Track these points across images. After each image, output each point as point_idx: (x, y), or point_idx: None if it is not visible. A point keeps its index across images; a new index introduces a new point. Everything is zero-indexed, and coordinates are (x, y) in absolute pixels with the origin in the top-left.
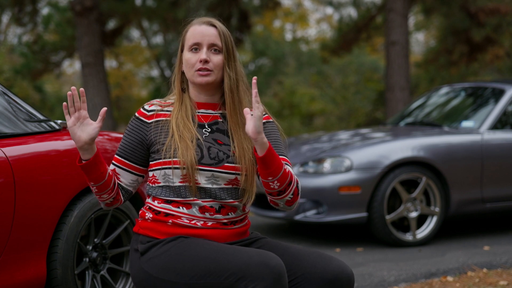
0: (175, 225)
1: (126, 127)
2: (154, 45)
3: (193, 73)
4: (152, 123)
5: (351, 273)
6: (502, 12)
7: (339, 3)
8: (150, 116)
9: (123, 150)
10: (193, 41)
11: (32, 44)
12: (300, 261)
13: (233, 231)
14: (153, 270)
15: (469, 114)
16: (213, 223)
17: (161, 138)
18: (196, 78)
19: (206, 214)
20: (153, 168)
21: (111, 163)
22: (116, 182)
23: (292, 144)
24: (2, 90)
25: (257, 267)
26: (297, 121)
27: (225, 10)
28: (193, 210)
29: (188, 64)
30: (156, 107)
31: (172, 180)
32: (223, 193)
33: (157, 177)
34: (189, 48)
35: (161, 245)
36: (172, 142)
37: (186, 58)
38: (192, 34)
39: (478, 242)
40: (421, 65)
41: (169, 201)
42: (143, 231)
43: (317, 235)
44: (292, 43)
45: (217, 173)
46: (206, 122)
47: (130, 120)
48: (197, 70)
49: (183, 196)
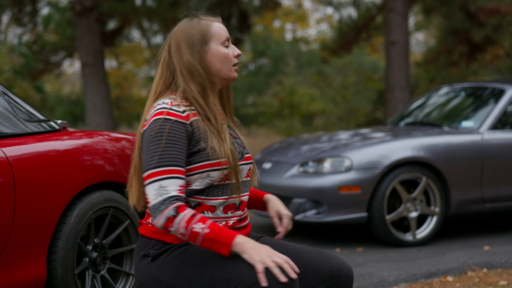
0: None
1: (165, 134)
2: (154, 45)
3: (230, 68)
4: (192, 123)
5: (350, 270)
6: (502, 12)
7: (339, 3)
8: (185, 116)
9: (179, 158)
10: (226, 36)
11: (32, 44)
12: (299, 258)
13: (244, 232)
14: (164, 276)
15: (469, 114)
16: (234, 221)
17: (202, 138)
18: (233, 73)
19: (229, 213)
20: (192, 173)
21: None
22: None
23: (292, 144)
24: (2, 90)
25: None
26: (297, 121)
27: (225, 10)
28: (218, 212)
29: (227, 59)
30: (184, 107)
31: (213, 180)
32: (247, 184)
33: (191, 182)
34: (222, 43)
35: (172, 250)
36: (215, 142)
37: (223, 52)
38: (221, 29)
39: (478, 242)
40: (421, 65)
41: (192, 205)
42: (156, 236)
43: (317, 235)
44: (292, 43)
45: (244, 166)
46: (219, 118)
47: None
48: (234, 64)
49: (214, 195)
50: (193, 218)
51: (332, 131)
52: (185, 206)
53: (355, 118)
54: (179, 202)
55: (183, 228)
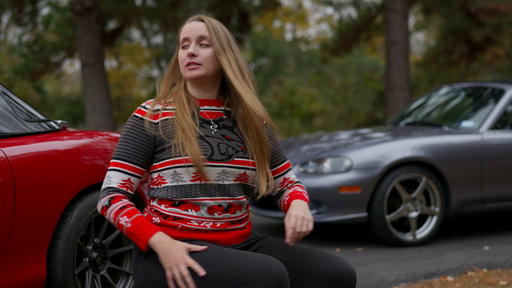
0: (185, 229)
1: (127, 130)
2: (154, 45)
3: (184, 69)
4: (159, 122)
5: (353, 271)
6: (502, 12)
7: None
8: (155, 115)
9: (132, 154)
10: (183, 37)
11: (32, 44)
12: (302, 259)
13: (240, 233)
14: (156, 275)
15: (469, 114)
16: (222, 223)
17: (170, 137)
18: (186, 73)
19: (215, 214)
20: (160, 169)
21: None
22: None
23: (292, 144)
24: (2, 90)
25: (258, 273)
26: (297, 121)
27: (225, 10)
28: (202, 211)
29: (180, 60)
30: (159, 106)
31: (183, 178)
32: (232, 188)
33: (164, 177)
34: (181, 45)
35: None
36: (179, 140)
37: (178, 55)
38: (183, 31)
39: (478, 242)
40: (421, 65)
41: (177, 203)
42: None
43: (317, 235)
44: (292, 43)
45: (228, 168)
46: (212, 118)
47: (132, 122)
48: (186, 65)
49: (193, 196)
50: (121, 211)
51: (332, 131)
52: (121, 198)
53: (355, 118)
54: (115, 194)
55: (112, 219)
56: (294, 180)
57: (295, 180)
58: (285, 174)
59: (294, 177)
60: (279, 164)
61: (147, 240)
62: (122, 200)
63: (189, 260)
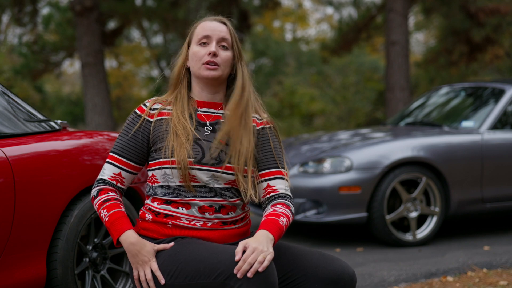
0: (175, 226)
1: (125, 125)
2: (154, 45)
3: (200, 66)
4: (155, 121)
5: (353, 273)
6: (502, 12)
7: (339, 3)
8: (152, 114)
9: (126, 149)
10: (203, 34)
11: (32, 44)
12: (302, 260)
13: (234, 232)
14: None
15: (469, 114)
16: (213, 223)
17: (163, 137)
18: (203, 71)
19: (206, 214)
20: (153, 168)
21: (111, 162)
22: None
23: (292, 144)
24: (2, 90)
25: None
26: (297, 121)
27: (225, 10)
28: (193, 210)
29: (196, 57)
30: (158, 105)
31: (172, 179)
32: (225, 191)
33: (156, 177)
34: (198, 42)
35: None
36: (170, 143)
37: (194, 51)
38: (203, 28)
39: (478, 242)
40: (421, 65)
41: (168, 201)
42: (144, 232)
43: (317, 235)
44: (292, 43)
45: (217, 173)
46: (208, 121)
47: (131, 118)
48: (204, 63)
49: (182, 196)
50: (104, 204)
51: (332, 131)
52: (108, 190)
53: (355, 118)
54: (104, 186)
55: (97, 210)
56: (279, 191)
57: (279, 191)
58: (270, 181)
59: (281, 187)
60: (267, 169)
61: (117, 237)
62: (108, 193)
63: (154, 265)
